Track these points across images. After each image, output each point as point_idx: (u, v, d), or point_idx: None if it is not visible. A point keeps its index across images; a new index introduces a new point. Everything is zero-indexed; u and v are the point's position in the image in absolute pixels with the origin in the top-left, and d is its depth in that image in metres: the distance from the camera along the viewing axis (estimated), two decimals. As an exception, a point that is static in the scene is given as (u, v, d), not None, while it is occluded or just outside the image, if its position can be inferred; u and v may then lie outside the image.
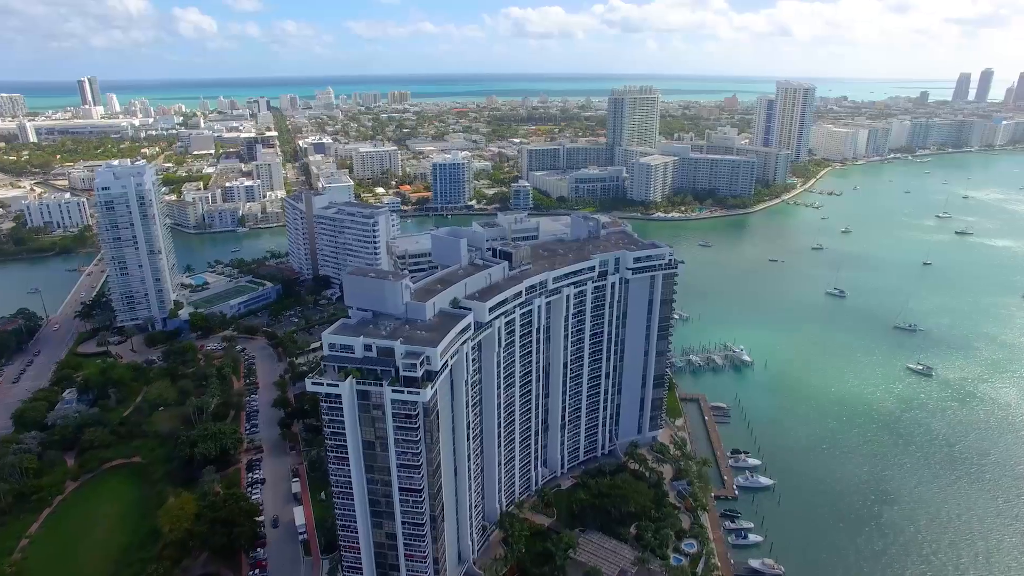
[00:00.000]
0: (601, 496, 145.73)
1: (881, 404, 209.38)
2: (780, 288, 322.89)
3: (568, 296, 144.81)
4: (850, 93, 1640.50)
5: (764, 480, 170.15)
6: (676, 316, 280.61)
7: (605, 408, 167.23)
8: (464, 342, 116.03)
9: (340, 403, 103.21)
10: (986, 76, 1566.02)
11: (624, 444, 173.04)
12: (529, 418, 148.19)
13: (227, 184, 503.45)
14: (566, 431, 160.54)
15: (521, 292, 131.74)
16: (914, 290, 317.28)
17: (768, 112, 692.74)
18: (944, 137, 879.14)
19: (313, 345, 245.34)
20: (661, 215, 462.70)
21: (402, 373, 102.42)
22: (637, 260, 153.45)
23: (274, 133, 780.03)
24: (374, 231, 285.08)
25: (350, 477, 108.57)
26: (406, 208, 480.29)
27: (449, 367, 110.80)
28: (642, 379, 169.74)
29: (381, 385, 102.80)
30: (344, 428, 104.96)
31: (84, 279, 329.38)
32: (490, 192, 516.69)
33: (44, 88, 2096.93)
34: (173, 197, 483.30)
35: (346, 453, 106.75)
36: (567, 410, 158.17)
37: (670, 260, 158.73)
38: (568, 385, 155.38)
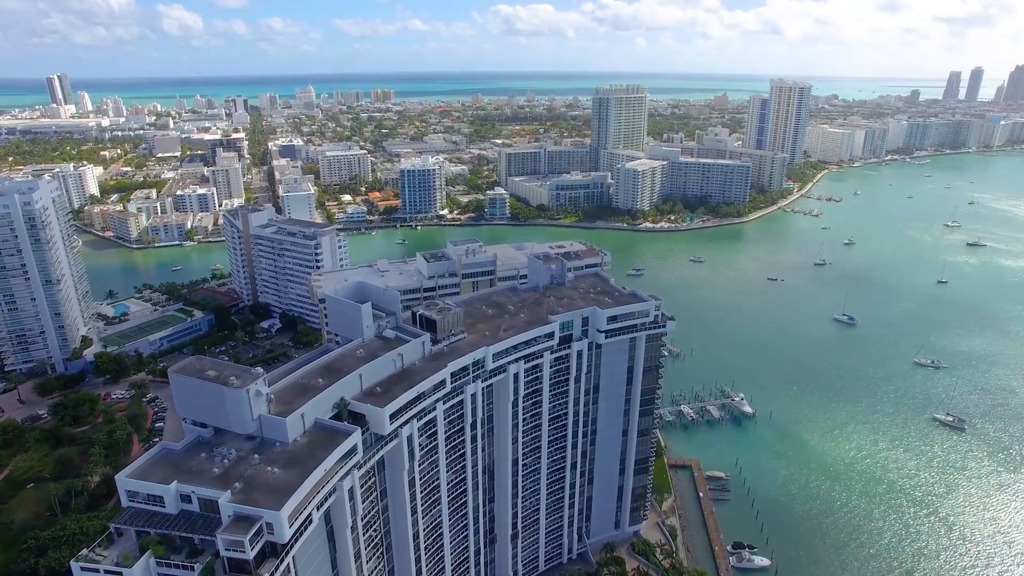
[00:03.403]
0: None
1: (916, 474, 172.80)
2: (782, 314, 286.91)
3: (516, 375, 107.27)
4: (839, 91, 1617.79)
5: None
6: (666, 352, 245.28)
7: (572, 505, 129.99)
8: (348, 473, 78.37)
9: (131, 595, 65.33)
10: (976, 75, 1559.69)
11: (598, 544, 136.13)
12: (467, 535, 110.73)
13: (178, 192, 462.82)
14: (520, 540, 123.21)
15: (445, 380, 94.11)
16: (931, 315, 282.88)
17: (761, 112, 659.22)
18: (941, 137, 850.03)
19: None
20: (649, 225, 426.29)
21: (224, 554, 64.59)
22: (612, 319, 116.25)
23: (241, 135, 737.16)
24: (316, 255, 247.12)
25: None
26: (372, 218, 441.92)
27: (313, 524, 72.97)
28: (620, 465, 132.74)
29: (193, 568, 65.04)
30: (141, 630, 67.07)
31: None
32: (465, 199, 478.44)
33: (21, 85, 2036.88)
34: (119, 207, 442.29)
35: (149, 664, 68.82)
36: (520, 516, 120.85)
37: (656, 317, 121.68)
38: (520, 485, 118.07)
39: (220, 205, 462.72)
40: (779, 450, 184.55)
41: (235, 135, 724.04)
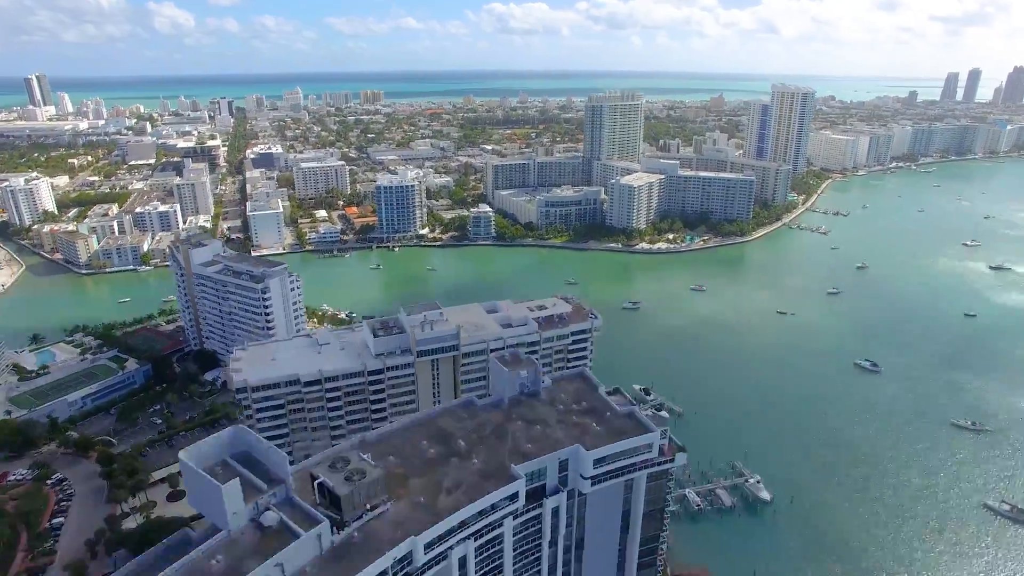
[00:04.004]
0: None
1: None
2: (796, 358, 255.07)
3: (464, 557, 75.26)
4: (836, 91, 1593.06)
5: None
6: (664, 413, 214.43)
7: None
8: None
9: None
10: (974, 75, 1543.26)
11: None
12: None
13: (137, 209, 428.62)
14: None
15: (344, 608, 61.98)
16: (963, 358, 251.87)
17: (762, 118, 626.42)
18: (946, 143, 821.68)
19: (158, 475, 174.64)
20: (646, 246, 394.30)
21: None
22: (600, 462, 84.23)
23: (216, 142, 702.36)
24: (264, 300, 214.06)
25: None
26: (347, 238, 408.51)
27: None
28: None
29: None
30: None
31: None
32: (448, 216, 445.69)
33: (6, 85, 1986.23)
34: (71, 227, 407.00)
35: None
36: None
37: (662, 446, 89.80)
38: None
39: (185, 223, 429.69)
40: (804, 552, 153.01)
41: (211, 142, 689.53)
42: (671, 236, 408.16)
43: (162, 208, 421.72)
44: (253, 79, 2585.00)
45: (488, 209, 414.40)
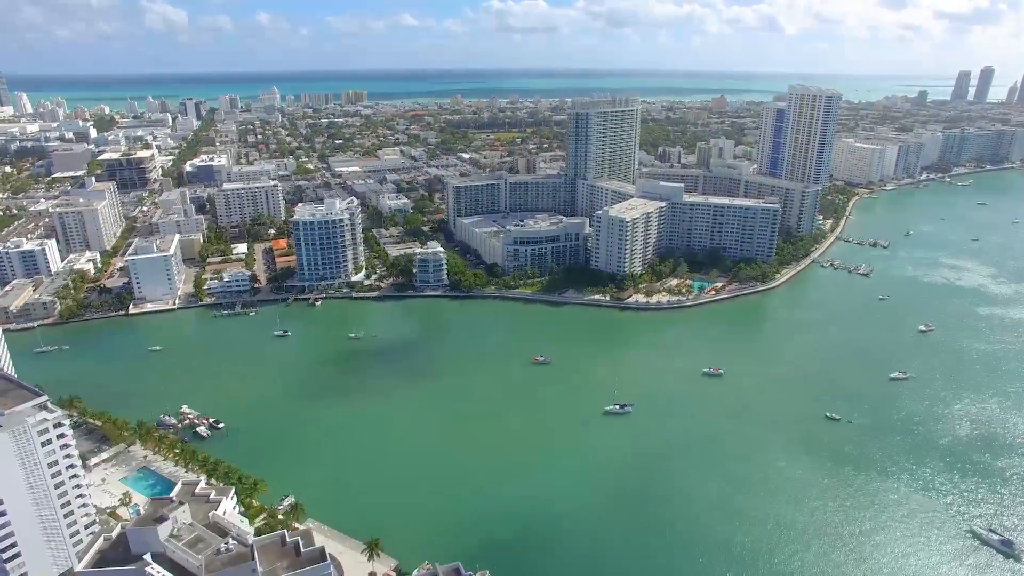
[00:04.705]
0: None
1: None
2: (872, 513, 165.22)
3: None
4: (841, 91, 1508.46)
5: None
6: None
7: None
8: None
9: None
10: (987, 74, 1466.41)
11: None
12: None
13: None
14: None
15: None
16: None
17: (777, 125, 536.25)
18: (979, 150, 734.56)
19: None
20: (641, 299, 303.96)
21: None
22: None
23: (149, 152, 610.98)
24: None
25: None
26: (258, 286, 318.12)
27: None
28: None
29: None
30: None
31: None
32: (395, 252, 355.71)
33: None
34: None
35: None
36: None
37: None
38: None
39: (64, 262, 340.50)
40: None
41: (142, 152, 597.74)
42: (674, 283, 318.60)
43: (27, 245, 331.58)
44: (249, 77, 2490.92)
45: (439, 250, 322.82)
